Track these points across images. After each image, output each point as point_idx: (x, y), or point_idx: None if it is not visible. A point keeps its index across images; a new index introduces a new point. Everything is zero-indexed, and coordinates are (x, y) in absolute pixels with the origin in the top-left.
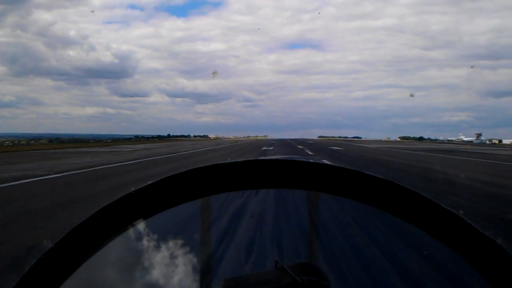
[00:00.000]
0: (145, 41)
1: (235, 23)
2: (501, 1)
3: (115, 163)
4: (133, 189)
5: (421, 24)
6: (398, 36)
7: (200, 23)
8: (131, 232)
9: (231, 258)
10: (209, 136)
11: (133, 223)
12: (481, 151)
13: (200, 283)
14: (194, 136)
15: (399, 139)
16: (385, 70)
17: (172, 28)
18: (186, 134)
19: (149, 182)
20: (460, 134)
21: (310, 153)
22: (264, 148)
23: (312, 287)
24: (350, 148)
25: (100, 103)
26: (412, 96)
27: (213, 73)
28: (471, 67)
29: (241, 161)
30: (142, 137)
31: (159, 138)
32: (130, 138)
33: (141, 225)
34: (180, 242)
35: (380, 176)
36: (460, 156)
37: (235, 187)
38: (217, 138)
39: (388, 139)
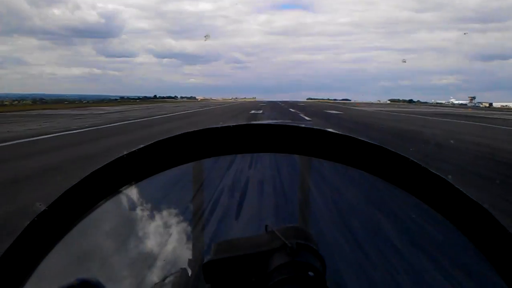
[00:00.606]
0: (131, 0)
1: None
2: None
3: (53, 133)
4: (125, 152)
5: None
6: None
7: None
8: (123, 195)
9: (222, 222)
10: (197, 97)
11: (125, 185)
12: (493, 116)
13: (192, 246)
14: (181, 98)
15: (389, 102)
16: (375, 32)
17: None
18: (173, 96)
19: (141, 146)
20: (451, 97)
21: (307, 118)
22: (252, 111)
23: (300, 250)
24: (350, 113)
25: (87, 64)
26: (404, 62)
27: (205, 36)
28: (464, 33)
29: (233, 125)
30: (128, 98)
31: (145, 99)
32: (116, 99)
33: (133, 188)
34: (172, 205)
35: (371, 141)
36: (483, 122)
37: (227, 151)
38: (205, 99)
39: (379, 102)
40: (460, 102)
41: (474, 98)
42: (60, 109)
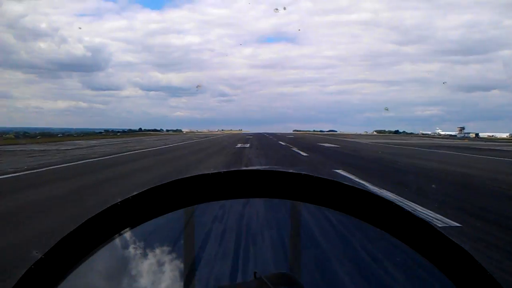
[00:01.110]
0: (118, 34)
1: (210, 17)
2: None
3: None
4: (119, 200)
5: (395, 19)
6: (373, 30)
7: (174, 16)
8: (117, 241)
9: (212, 268)
10: (182, 130)
11: (119, 232)
12: (498, 148)
13: None
14: (167, 131)
15: (375, 133)
16: (359, 65)
17: (146, 20)
18: (159, 129)
19: (135, 193)
20: (437, 128)
21: (303, 153)
22: (238, 146)
23: None
24: (348, 146)
25: (72, 97)
26: (387, 109)
27: (197, 86)
28: (443, 83)
29: (224, 172)
30: (112, 131)
31: (130, 132)
32: (100, 132)
33: (127, 235)
34: (164, 251)
35: (357, 186)
36: (498, 156)
37: (217, 197)
38: (191, 132)
39: (366, 133)
40: (449, 133)
41: (463, 128)
42: (30, 144)
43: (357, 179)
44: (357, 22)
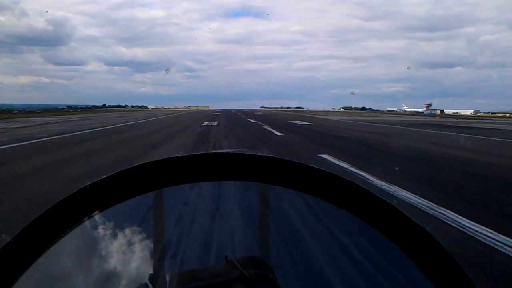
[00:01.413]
0: (81, 7)
1: None
2: None
3: None
4: (88, 183)
5: None
6: (340, 5)
7: None
8: (87, 224)
9: (182, 252)
10: (148, 107)
11: (89, 215)
12: (480, 126)
13: (152, 276)
14: (132, 107)
15: (342, 110)
16: (326, 41)
17: None
18: (123, 105)
19: (104, 176)
20: (403, 105)
21: (277, 133)
22: (205, 123)
23: (259, 280)
24: (321, 123)
25: (34, 72)
26: (353, 94)
27: (165, 70)
28: (407, 68)
29: (193, 155)
30: (76, 107)
31: (94, 108)
32: (63, 109)
33: (96, 218)
34: (133, 235)
35: (322, 168)
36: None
37: (187, 180)
38: (157, 108)
39: (334, 110)
40: (415, 109)
41: (430, 105)
42: None
43: (354, 169)
44: None
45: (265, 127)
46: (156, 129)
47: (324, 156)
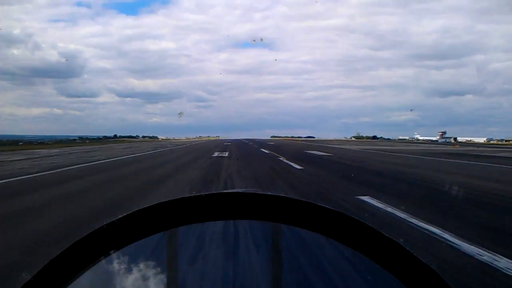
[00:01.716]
0: (93, 40)
1: (185, 22)
2: (447, 2)
3: None
4: (105, 223)
5: (370, 24)
6: (348, 36)
7: (150, 21)
8: (103, 263)
9: None
10: (158, 137)
11: (105, 254)
12: (497, 154)
13: None
14: (143, 137)
15: (354, 139)
16: (335, 70)
17: (121, 26)
18: (134, 135)
19: (120, 216)
20: (415, 133)
21: (297, 166)
22: (216, 154)
23: None
24: (340, 154)
25: (47, 104)
26: (359, 134)
27: (179, 113)
28: (411, 110)
29: (205, 195)
30: (87, 138)
31: (105, 138)
32: (74, 140)
33: (112, 257)
34: (148, 273)
35: (331, 208)
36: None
37: (199, 219)
38: (167, 139)
39: (346, 138)
40: (428, 138)
41: (444, 133)
42: None
43: (419, 222)
44: (333, 28)
45: (280, 158)
46: (162, 161)
47: (365, 198)
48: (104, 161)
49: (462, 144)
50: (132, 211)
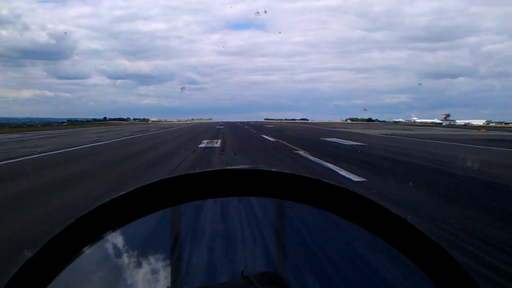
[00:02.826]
0: (83, 21)
1: (177, 2)
2: None
3: None
4: (107, 199)
5: (364, 5)
6: (341, 17)
7: (140, 1)
8: (106, 240)
9: (199, 267)
10: (150, 119)
11: (108, 231)
12: None
13: None
14: (134, 119)
15: (349, 121)
16: (328, 52)
17: (111, 6)
18: (125, 117)
19: (122, 193)
20: (412, 115)
21: (353, 177)
22: (203, 144)
23: None
24: (370, 142)
25: (37, 86)
26: (365, 110)
27: (181, 88)
28: (419, 84)
29: (209, 171)
30: (76, 120)
31: (94, 121)
32: (62, 122)
33: (115, 233)
34: (151, 250)
35: (338, 184)
36: None
37: (203, 196)
38: (159, 121)
39: (342, 121)
40: (431, 120)
41: (448, 115)
42: None
43: None
44: (326, 8)
45: (300, 153)
46: (132, 153)
47: None
48: (54, 152)
49: (482, 127)
50: (135, 187)
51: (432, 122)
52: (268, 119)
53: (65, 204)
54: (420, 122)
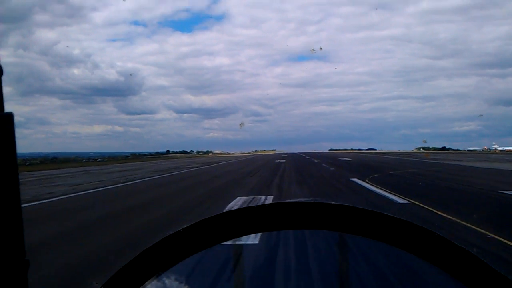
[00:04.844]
0: (150, 58)
1: (239, 37)
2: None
3: None
4: (171, 232)
5: (429, 33)
6: (406, 45)
7: (204, 38)
8: (170, 273)
9: None
10: (211, 152)
11: (172, 264)
12: None
13: None
14: (198, 152)
15: (423, 150)
16: (393, 81)
17: (176, 43)
18: (188, 150)
19: (185, 226)
20: (494, 143)
21: None
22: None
23: None
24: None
25: (108, 121)
26: (425, 142)
27: (240, 124)
28: (479, 115)
29: (268, 204)
30: (139, 154)
31: (157, 154)
32: (126, 156)
33: (178, 267)
34: (214, 284)
35: (399, 217)
36: None
37: (264, 228)
38: (222, 153)
39: (417, 150)
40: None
41: None
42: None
43: None
44: (389, 38)
45: None
46: None
47: None
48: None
49: None
50: (197, 221)
51: None
52: (333, 150)
53: None
54: (502, 150)
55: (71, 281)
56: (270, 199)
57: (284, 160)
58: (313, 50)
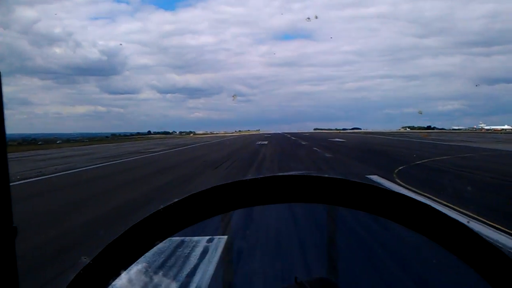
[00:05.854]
0: (133, 36)
1: (224, 15)
2: None
3: None
4: (161, 206)
5: (415, 10)
6: (392, 23)
7: (188, 16)
8: (161, 245)
9: (251, 272)
10: (194, 132)
11: (162, 238)
12: None
13: None
14: (180, 133)
15: (409, 129)
16: (378, 61)
17: (160, 21)
18: (170, 131)
19: (175, 200)
20: (480, 123)
21: None
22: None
23: None
24: None
25: (91, 101)
26: (421, 113)
27: (233, 96)
28: (476, 85)
29: (260, 178)
30: (120, 134)
31: (138, 135)
32: (106, 137)
33: (169, 239)
34: (203, 255)
35: (394, 190)
36: None
37: (255, 203)
38: (205, 134)
39: (405, 129)
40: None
41: None
42: None
43: None
44: (375, 16)
45: None
46: None
47: None
48: None
49: None
50: (188, 194)
51: (502, 129)
52: (318, 129)
53: None
54: (489, 129)
55: None
56: None
57: (266, 142)
58: (308, 18)
